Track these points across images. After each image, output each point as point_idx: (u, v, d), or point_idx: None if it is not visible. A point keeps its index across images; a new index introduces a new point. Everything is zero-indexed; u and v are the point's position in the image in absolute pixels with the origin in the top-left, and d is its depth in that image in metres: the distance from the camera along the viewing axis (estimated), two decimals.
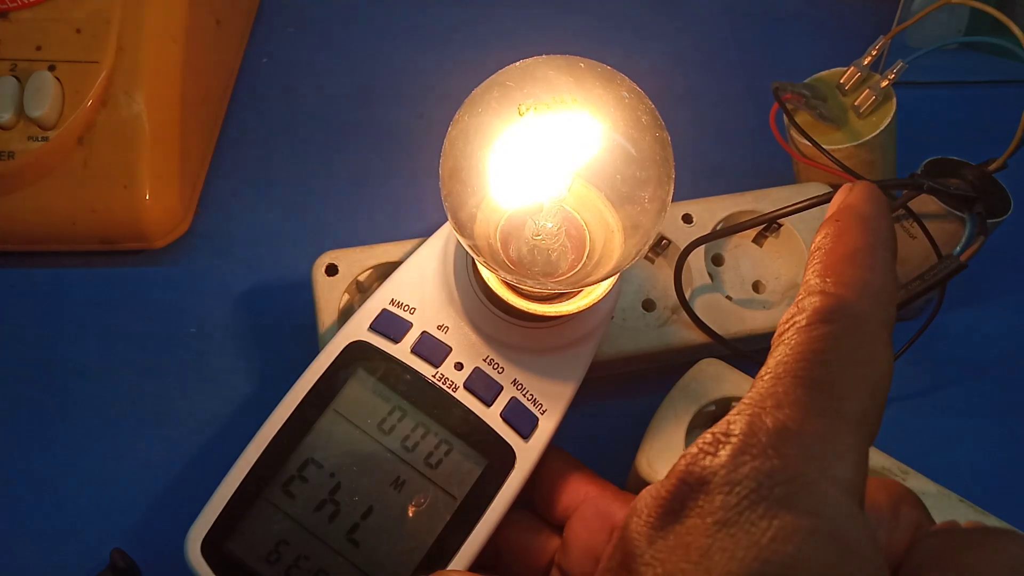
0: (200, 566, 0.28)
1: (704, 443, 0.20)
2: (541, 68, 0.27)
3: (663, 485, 0.20)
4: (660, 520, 0.19)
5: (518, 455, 0.29)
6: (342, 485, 0.29)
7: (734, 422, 0.20)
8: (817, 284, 0.22)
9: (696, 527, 0.18)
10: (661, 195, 0.27)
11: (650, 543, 0.19)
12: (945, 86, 0.50)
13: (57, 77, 0.39)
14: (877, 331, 0.21)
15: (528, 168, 0.27)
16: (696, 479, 0.19)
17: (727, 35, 0.52)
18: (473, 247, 0.27)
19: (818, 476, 0.18)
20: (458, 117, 0.28)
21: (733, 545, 0.18)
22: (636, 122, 0.27)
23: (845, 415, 0.19)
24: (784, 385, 0.20)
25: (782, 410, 0.19)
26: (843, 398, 0.19)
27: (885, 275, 0.22)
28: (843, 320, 0.21)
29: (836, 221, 0.23)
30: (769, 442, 0.19)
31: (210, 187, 0.44)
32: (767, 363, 0.21)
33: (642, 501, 0.20)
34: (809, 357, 0.20)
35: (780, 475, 0.18)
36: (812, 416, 0.19)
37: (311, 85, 0.48)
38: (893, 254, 0.23)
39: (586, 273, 0.29)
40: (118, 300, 0.41)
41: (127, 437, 0.38)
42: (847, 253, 0.22)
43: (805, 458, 0.18)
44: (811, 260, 0.23)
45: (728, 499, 0.18)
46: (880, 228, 0.23)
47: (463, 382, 0.30)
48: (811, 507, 0.18)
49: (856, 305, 0.21)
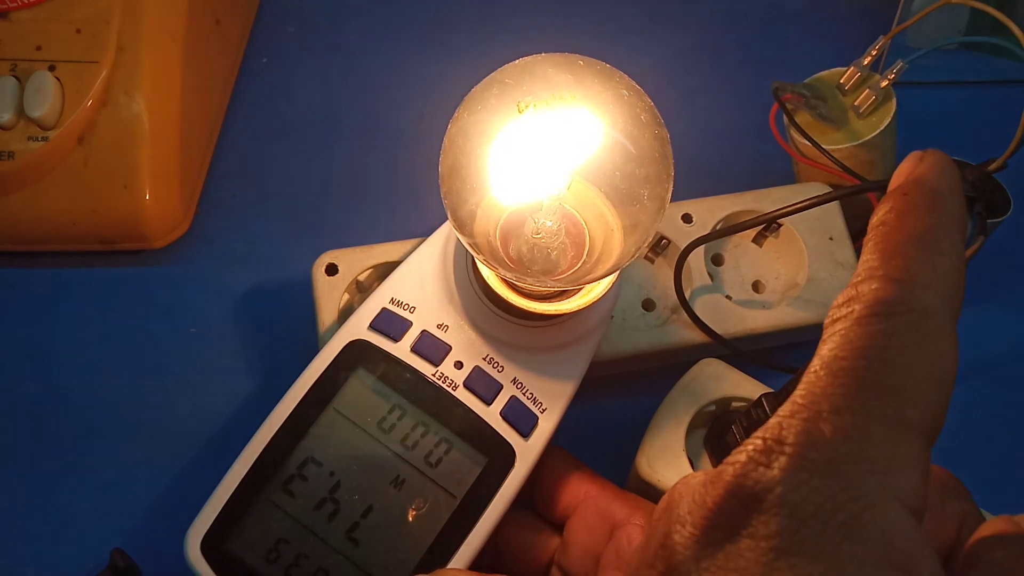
0: (200, 565, 0.28)
1: (755, 451, 0.18)
2: (540, 66, 0.27)
3: (710, 495, 0.18)
4: (707, 535, 0.18)
5: (518, 454, 0.29)
6: (342, 484, 0.29)
7: (787, 427, 0.18)
8: (878, 267, 0.19)
9: (750, 551, 0.17)
10: (660, 193, 0.27)
11: (697, 560, 0.17)
12: (945, 86, 0.50)
13: (57, 77, 0.39)
14: (945, 324, 0.19)
15: (528, 166, 0.27)
16: (748, 494, 0.17)
17: (727, 35, 0.52)
18: (473, 245, 0.27)
19: (882, 495, 0.17)
20: (457, 115, 0.28)
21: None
22: (635, 119, 0.27)
23: (910, 422, 0.18)
24: (843, 386, 0.18)
25: (842, 416, 0.17)
26: (908, 403, 0.18)
27: (955, 261, 0.19)
28: (910, 314, 0.18)
29: (904, 195, 0.20)
30: (830, 457, 0.17)
31: (210, 187, 0.44)
32: (819, 354, 0.19)
33: (684, 507, 0.18)
34: (871, 355, 0.18)
35: (842, 495, 0.17)
36: (875, 424, 0.17)
37: (311, 85, 0.48)
38: (964, 237, 0.20)
39: (586, 271, 0.29)
40: (118, 300, 0.41)
41: (127, 437, 0.38)
42: (915, 233, 0.20)
43: (867, 473, 0.17)
44: (871, 237, 0.20)
45: (786, 522, 0.16)
46: (953, 206, 0.20)
47: (463, 381, 0.30)
48: (877, 535, 0.16)
49: (924, 296, 0.19)
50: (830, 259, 0.38)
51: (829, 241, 0.38)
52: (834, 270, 0.38)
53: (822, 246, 0.38)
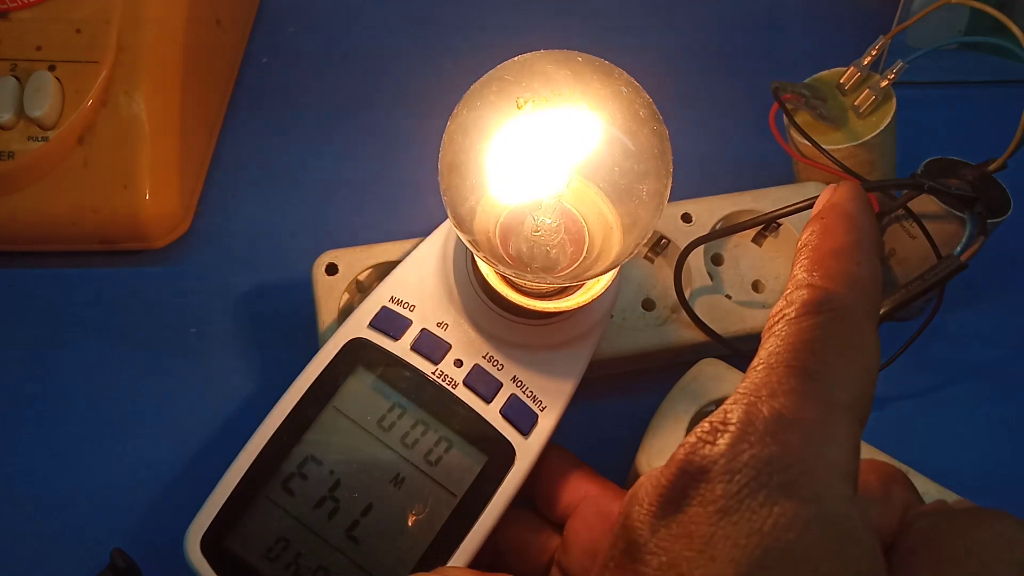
0: (199, 564, 0.28)
1: (703, 432, 0.20)
2: (539, 63, 0.27)
3: (663, 474, 0.20)
4: (662, 509, 0.20)
5: (518, 452, 0.29)
6: (342, 482, 0.29)
7: (731, 411, 0.20)
8: (805, 278, 0.23)
9: (699, 515, 0.19)
10: (659, 189, 0.27)
11: (653, 532, 0.19)
12: (945, 86, 0.50)
13: (57, 77, 0.39)
14: (864, 320, 0.22)
15: (527, 163, 0.27)
16: (696, 468, 0.19)
17: (727, 35, 0.52)
18: (472, 242, 0.27)
19: (815, 462, 0.19)
20: (457, 111, 0.28)
21: (736, 532, 0.18)
22: (634, 115, 0.27)
23: (838, 402, 0.20)
24: (778, 375, 0.20)
25: (777, 399, 0.20)
26: (835, 386, 0.20)
27: (870, 268, 0.23)
28: (831, 311, 0.21)
29: (822, 219, 0.24)
30: (767, 430, 0.19)
31: (210, 187, 0.44)
32: (759, 354, 0.22)
33: (643, 489, 0.21)
34: (800, 347, 0.21)
35: (779, 462, 0.19)
36: (807, 404, 0.20)
37: (311, 85, 0.48)
38: (876, 248, 0.24)
39: (585, 268, 0.29)
40: (118, 300, 0.41)
41: (127, 437, 0.38)
42: (833, 248, 0.23)
43: (802, 445, 0.19)
44: (798, 256, 0.24)
45: (729, 487, 0.19)
46: (864, 224, 0.24)
47: (463, 379, 0.30)
48: (810, 494, 0.18)
49: (843, 296, 0.22)
50: None
51: None
52: None
53: None
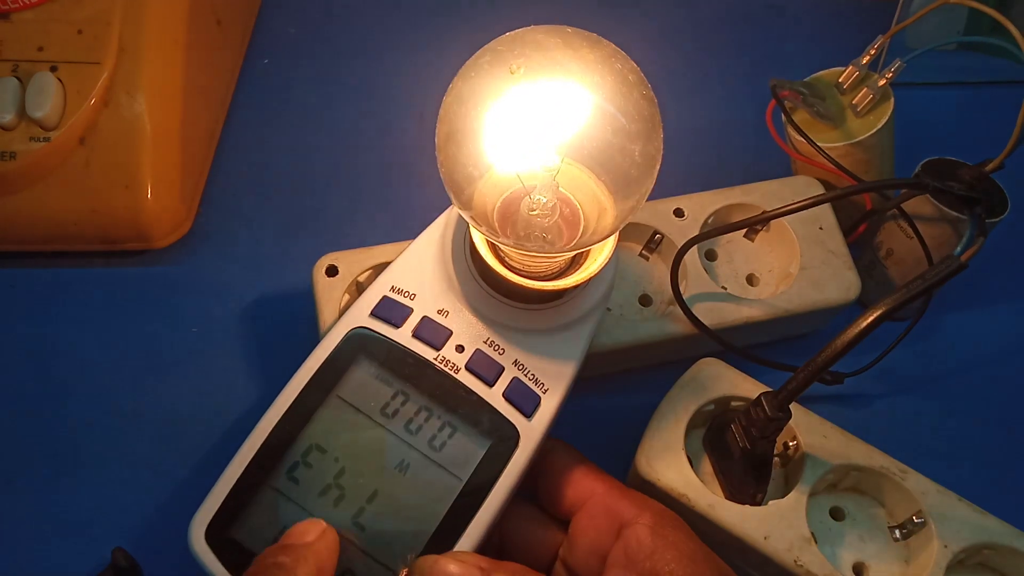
0: (204, 554, 0.28)
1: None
2: (531, 34, 0.28)
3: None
4: None
5: (521, 434, 0.29)
6: (346, 470, 0.29)
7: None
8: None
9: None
10: (651, 151, 0.28)
11: None
12: (943, 86, 0.50)
13: (59, 78, 0.39)
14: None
15: (522, 129, 0.28)
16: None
17: (727, 34, 0.52)
18: (472, 218, 0.28)
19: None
20: (452, 84, 0.28)
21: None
22: (623, 79, 0.28)
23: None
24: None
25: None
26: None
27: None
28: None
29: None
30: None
31: (211, 187, 0.45)
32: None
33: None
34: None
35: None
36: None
37: (312, 86, 0.48)
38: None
39: (583, 243, 0.29)
40: (119, 300, 0.41)
41: (128, 436, 0.38)
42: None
43: None
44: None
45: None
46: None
47: (465, 363, 0.30)
48: None
49: None
50: (821, 248, 0.38)
51: (819, 231, 0.39)
52: (826, 258, 0.38)
53: (813, 235, 0.39)
